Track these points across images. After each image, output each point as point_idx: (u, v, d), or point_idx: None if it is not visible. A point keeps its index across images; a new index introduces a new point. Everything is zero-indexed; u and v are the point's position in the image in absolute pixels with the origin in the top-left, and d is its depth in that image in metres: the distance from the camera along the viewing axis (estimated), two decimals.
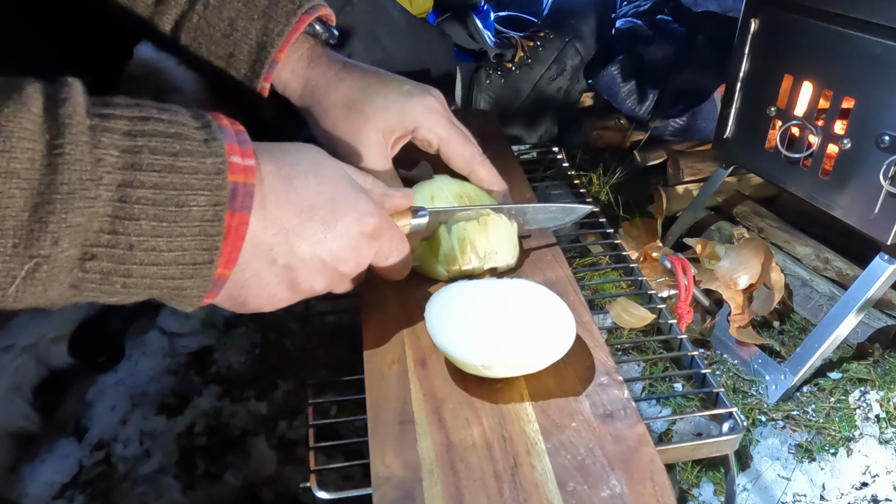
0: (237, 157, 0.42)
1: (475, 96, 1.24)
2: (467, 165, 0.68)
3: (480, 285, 0.57)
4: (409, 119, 0.65)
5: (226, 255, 0.43)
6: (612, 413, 0.51)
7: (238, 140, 0.43)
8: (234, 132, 0.44)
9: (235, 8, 0.64)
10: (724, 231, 1.20)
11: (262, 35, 0.64)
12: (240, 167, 0.42)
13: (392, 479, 0.46)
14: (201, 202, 0.40)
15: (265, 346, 1.02)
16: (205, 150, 0.41)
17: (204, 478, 0.85)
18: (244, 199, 0.42)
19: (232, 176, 0.42)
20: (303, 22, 0.65)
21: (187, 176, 0.40)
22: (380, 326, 0.60)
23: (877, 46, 0.79)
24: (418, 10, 1.23)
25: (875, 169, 0.81)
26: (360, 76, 0.66)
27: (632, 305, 0.76)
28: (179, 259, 0.41)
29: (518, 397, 0.52)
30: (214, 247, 0.41)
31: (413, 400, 0.52)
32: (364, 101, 0.64)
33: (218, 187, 0.41)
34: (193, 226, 0.40)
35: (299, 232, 0.46)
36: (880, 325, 0.99)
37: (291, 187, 0.46)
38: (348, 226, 0.49)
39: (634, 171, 1.36)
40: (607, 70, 1.29)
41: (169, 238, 0.40)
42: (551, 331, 0.53)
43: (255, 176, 0.43)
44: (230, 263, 0.44)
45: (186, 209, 0.40)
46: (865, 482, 0.84)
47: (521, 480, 0.46)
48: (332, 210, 0.48)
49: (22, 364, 0.87)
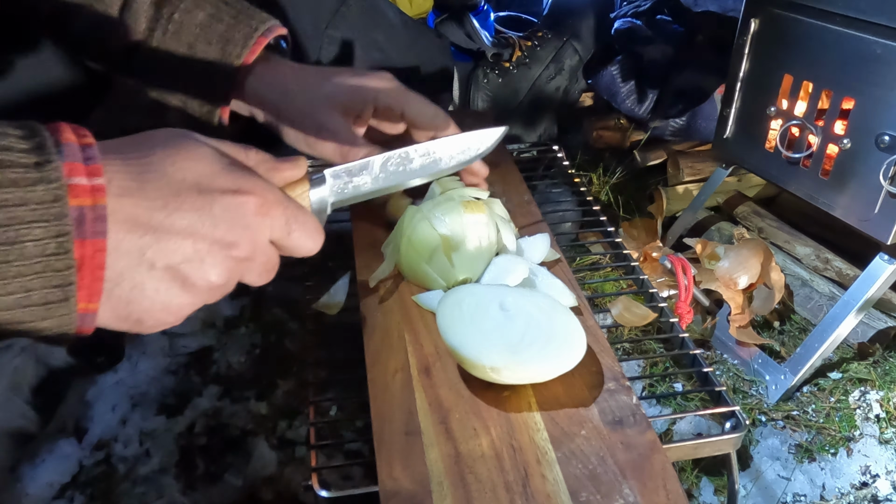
0: (81, 177, 0.37)
1: (473, 96, 1.24)
2: (432, 122, 0.69)
3: (491, 290, 0.57)
4: (366, 91, 0.67)
5: (85, 286, 0.38)
6: (622, 420, 0.50)
7: (84, 156, 0.38)
8: (81, 146, 0.38)
9: (194, 33, 0.65)
10: (724, 231, 1.20)
11: (221, 58, 0.66)
12: (86, 189, 0.37)
13: (401, 493, 0.45)
14: (38, 235, 0.36)
15: (265, 346, 1.02)
16: (34, 175, 0.36)
17: (204, 478, 0.85)
18: (95, 223, 0.38)
19: (74, 200, 0.37)
20: (259, 44, 0.66)
21: (13, 209, 0.35)
22: (381, 334, 0.59)
23: (877, 46, 0.79)
24: (417, 11, 1.23)
25: (875, 169, 0.81)
26: (313, 69, 0.69)
27: (634, 304, 0.76)
28: (24, 301, 0.37)
29: (526, 405, 0.52)
30: (67, 282, 0.37)
31: (418, 410, 0.51)
32: (321, 83, 0.67)
33: (57, 216, 0.36)
34: (34, 263, 0.36)
35: (169, 225, 0.41)
36: (881, 325, 0.99)
37: (146, 181, 0.41)
38: (226, 206, 0.43)
39: (634, 171, 1.36)
40: (607, 70, 1.29)
41: (3, 281, 0.36)
42: (563, 344, 0.52)
43: (105, 197, 0.38)
44: (94, 296, 0.39)
45: (20, 246, 0.35)
46: (865, 482, 0.84)
47: (533, 492, 0.45)
48: (200, 193, 0.43)
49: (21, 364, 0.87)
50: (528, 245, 0.67)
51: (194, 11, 0.65)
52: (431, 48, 1.14)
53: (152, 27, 0.65)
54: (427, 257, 0.61)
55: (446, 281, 0.62)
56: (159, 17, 0.65)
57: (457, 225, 0.61)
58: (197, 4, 0.66)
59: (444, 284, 0.62)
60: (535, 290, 0.58)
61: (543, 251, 0.67)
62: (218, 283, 0.44)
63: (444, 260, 0.61)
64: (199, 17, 0.65)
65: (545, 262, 0.68)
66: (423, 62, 1.11)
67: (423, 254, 0.61)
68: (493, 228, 0.63)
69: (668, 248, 1.17)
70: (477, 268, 0.62)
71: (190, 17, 0.65)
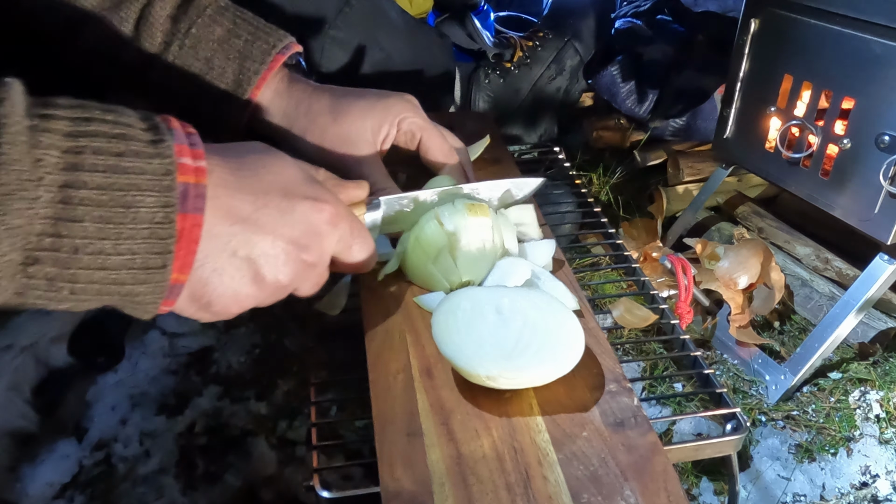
0: (188, 158, 0.41)
1: (474, 96, 1.24)
2: (445, 158, 0.70)
3: (489, 292, 0.57)
4: (393, 112, 0.68)
5: (180, 258, 0.42)
6: (623, 421, 0.50)
7: (189, 142, 0.42)
8: (186, 134, 0.43)
9: (211, 48, 0.66)
10: (724, 231, 1.20)
11: (239, 74, 0.66)
12: (190, 168, 0.41)
13: (402, 494, 0.45)
14: (149, 203, 0.39)
15: (265, 346, 1.02)
16: (151, 150, 0.40)
17: (204, 478, 0.85)
18: (196, 200, 0.42)
19: (182, 177, 0.41)
20: (277, 61, 0.67)
21: (133, 176, 0.39)
22: (383, 335, 0.59)
23: (877, 46, 0.79)
24: (418, 11, 1.23)
25: (875, 169, 0.81)
26: (337, 89, 0.69)
27: (635, 306, 0.76)
28: (129, 263, 0.40)
29: (527, 407, 0.52)
30: (167, 250, 0.40)
31: (420, 411, 0.51)
32: (349, 104, 0.67)
33: (167, 188, 0.40)
34: (143, 228, 0.39)
35: (256, 220, 0.45)
36: (881, 326, 0.99)
37: (242, 177, 0.46)
38: (305, 212, 0.48)
39: (634, 171, 1.36)
40: (607, 70, 1.29)
41: (116, 241, 0.39)
42: (559, 345, 0.52)
43: (206, 177, 0.42)
44: (185, 268, 0.42)
45: (134, 210, 0.39)
46: (865, 482, 0.84)
47: (535, 493, 0.45)
48: (285, 197, 0.47)
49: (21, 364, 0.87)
50: (532, 250, 0.67)
51: (212, 27, 0.65)
52: (434, 49, 1.15)
53: (168, 41, 0.65)
54: (433, 257, 0.62)
55: (449, 282, 0.62)
56: (176, 31, 0.65)
57: (461, 226, 0.62)
58: (214, 20, 0.66)
59: (447, 286, 0.62)
60: (534, 289, 0.58)
61: (548, 258, 0.67)
62: (283, 283, 0.48)
63: (450, 260, 0.61)
64: (217, 33, 0.66)
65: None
66: (425, 63, 1.11)
67: (430, 253, 0.62)
68: (497, 232, 0.63)
69: (668, 248, 1.17)
70: (480, 270, 0.62)
71: (208, 32, 0.65)
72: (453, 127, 0.75)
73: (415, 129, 0.69)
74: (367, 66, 1.05)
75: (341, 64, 1.02)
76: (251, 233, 0.45)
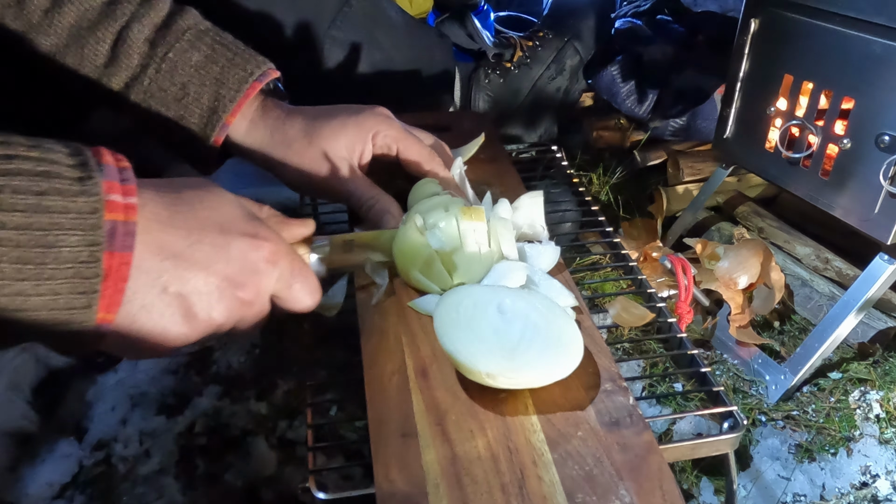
0: (117, 195, 0.41)
1: (474, 96, 1.24)
2: (426, 162, 0.70)
3: (491, 290, 0.57)
4: (365, 128, 0.68)
5: (107, 297, 0.41)
6: (618, 420, 0.50)
7: (121, 177, 0.42)
8: (118, 169, 0.42)
9: (188, 74, 0.65)
10: (724, 231, 1.20)
11: (214, 101, 0.65)
12: (120, 205, 0.41)
13: (397, 495, 0.45)
14: (73, 243, 0.39)
15: (265, 346, 1.02)
16: (77, 188, 0.39)
17: (204, 478, 0.85)
18: (125, 238, 0.41)
19: (109, 214, 0.40)
20: (254, 89, 0.67)
21: (56, 216, 0.38)
22: (378, 336, 0.59)
23: (877, 46, 0.79)
24: (418, 11, 1.23)
25: (875, 169, 0.80)
26: (309, 110, 0.69)
27: (632, 305, 0.76)
28: (51, 304, 0.39)
29: (522, 406, 0.52)
30: (93, 290, 0.40)
31: (415, 412, 0.51)
32: (321, 126, 0.67)
33: (92, 227, 0.39)
34: (66, 268, 0.39)
35: (189, 255, 0.44)
36: (881, 325, 0.99)
37: (176, 212, 0.45)
38: (242, 249, 0.47)
39: (634, 171, 1.36)
40: (607, 70, 1.28)
41: (36, 282, 0.38)
42: (560, 349, 0.52)
43: (136, 214, 0.42)
44: (113, 306, 0.41)
45: (56, 250, 0.38)
46: (865, 482, 0.84)
47: (529, 493, 0.45)
48: (221, 233, 0.46)
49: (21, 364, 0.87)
50: (536, 254, 0.66)
51: (190, 52, 0.65)
52: (434, 48, 1.15)
53: (145, 64, 0.65)
54: (418, 265, 0.61)
55: (442, 287, 0.62)
56: (153, 55, 0.65)
57: (453, 232, 0.61)
58: (193, 45, 0.66)
59: (439, 290, 0.62)
60: (534, 292, 0.58)
61: (551, 263, 0.66)
62: (217, 321, 0.47)
63: (439, 266, 0.61)
64: (195, 58, 0.65)
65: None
66: (425, 63, 1.12)
67: (414, 262, 0.61)
68: (494, 237, 0.63)
69: (667, 248, 1.17)
70: (475, 275, 0.62)
71: (185, 58, 0.65)
72: (451, 127, 0.75)
73: (390, 142, 0.69)
74: (367, 66, 1.05)
75: (341, 64, 1.02)
76: (183, 269, 0.44)
